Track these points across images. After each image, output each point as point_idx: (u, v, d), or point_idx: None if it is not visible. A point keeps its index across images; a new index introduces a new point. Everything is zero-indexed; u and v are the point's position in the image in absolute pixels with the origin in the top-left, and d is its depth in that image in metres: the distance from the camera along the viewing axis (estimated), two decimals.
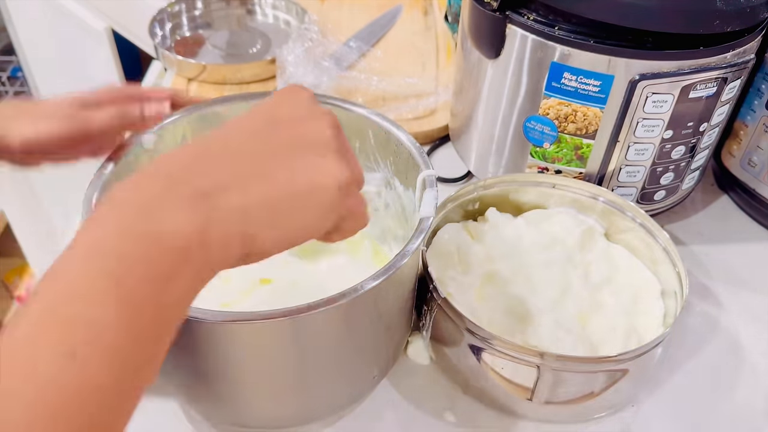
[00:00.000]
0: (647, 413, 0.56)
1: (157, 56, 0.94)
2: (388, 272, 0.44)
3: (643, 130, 0.60)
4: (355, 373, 0.53)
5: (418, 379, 0.57)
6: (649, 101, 0.58)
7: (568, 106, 0.60)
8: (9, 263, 1.72)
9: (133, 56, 1.43)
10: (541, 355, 0.49)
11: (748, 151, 0.71)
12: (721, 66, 0.58)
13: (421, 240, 0.46)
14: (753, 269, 0.69)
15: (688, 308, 0.64)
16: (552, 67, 0.59)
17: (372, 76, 0.89)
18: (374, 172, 0.59)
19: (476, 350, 0.52)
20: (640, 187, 0.65)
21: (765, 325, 0.64)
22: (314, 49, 0.91)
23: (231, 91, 0.90)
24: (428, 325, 0.57)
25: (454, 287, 0.57)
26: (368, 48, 0.97)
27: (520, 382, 0.52)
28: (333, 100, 0.56)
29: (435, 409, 0.55)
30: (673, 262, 0.58)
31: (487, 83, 0.66)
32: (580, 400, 0.52)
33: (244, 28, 1.03)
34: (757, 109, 0.68)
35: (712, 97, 0.60)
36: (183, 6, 1.00)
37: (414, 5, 1.09)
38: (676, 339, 0.61)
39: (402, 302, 0.52)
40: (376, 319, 0.49)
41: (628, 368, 0.51)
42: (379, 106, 0.86)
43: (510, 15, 0.60)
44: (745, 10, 0.56)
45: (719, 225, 0.75)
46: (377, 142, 0.57)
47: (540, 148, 0.64)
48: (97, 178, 0.49)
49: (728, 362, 0.60)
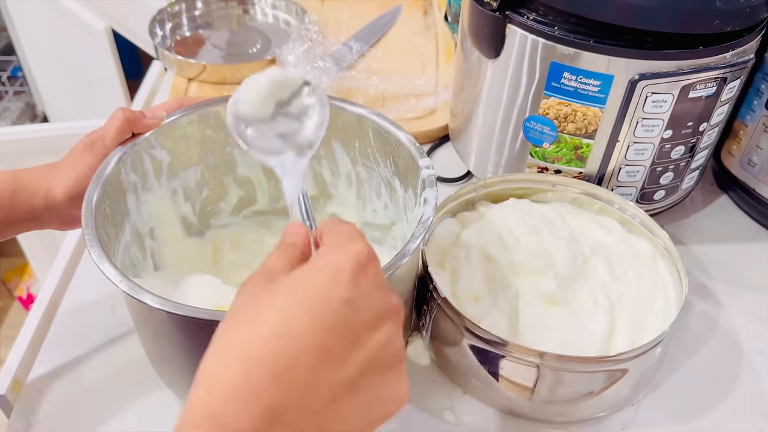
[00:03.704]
0: (647, 413, 0.56)
1: (157, 56, 0.95)
2: (387, 272, 0.44)
3: (643, 129, 0.60)
4: None
5: (418, 379, 0.57)
6: (648, 101, 0.58)
7: (567, 105, 0.60)
8: (9, 263, 1.72)
9: (133, 56, 1.43)
10: (541, 355, 0.49)
11: (748, 151, 0.71)
12: (721, 66, 0.58)
13: (421, 240, 0.46)
14: (752, 269, 0.69)
15: (687, 308, 0.64)
16: (552, 67, 0.59)
17: (372, 76, 0.89)
18: (373, 171, 0.59)
19: (476, 350, 0.52)
20: (640, 186, 0.65)
21: (764, 324, 0.64)
22: (314, 49, 0.91)
23: (231, 91, 0.89)
24: (428, 325, 0.57)
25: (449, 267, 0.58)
26: (368, 48, 0.97)
27: (519, 381, 0.52)
28: (333, 100, 0.56)
29: (435, 409, 0.55)
30: (673, 262, 0.58)
31: (487, 83, 0.66)
32: (580, 400, 0.52)
33: (244, 28, 1.03)
34: (756, 108, 0.68)
35: (711, 96, 0.60)
36: (183, 6, 1.00)
37: (414, 5, 1.09)
38: (675, 339, 0.61)
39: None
40: None
41: (628, 368, 0.51)
42: (379, 106, 0.86)
43: (510, 15, 0.60)
44: (745, 9, 0.56)
45: (719, 225, 0.75)
46: (377, 142, 0.57)
47: (540, 147, 0.65)
48: (97, 178, 0.49)
49: (728, 362, 0.60)
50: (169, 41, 0.98)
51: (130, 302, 0.48)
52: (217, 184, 0.61)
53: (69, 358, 0.58)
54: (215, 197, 0.62)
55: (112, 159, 0.51)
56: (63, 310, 0.63)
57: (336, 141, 0.59)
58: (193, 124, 0.56)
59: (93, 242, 0.45)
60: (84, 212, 0.47)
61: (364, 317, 0.31)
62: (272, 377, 0.28)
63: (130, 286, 0.42)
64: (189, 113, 0.56)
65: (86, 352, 0.59)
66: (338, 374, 0.29)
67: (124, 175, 0.52)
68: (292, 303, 0.30)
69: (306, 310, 0.29)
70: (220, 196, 0.62)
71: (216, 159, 0.60)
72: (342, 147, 0.60)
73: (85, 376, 0.57)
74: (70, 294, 0.64)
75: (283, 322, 0.29)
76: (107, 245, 0.47)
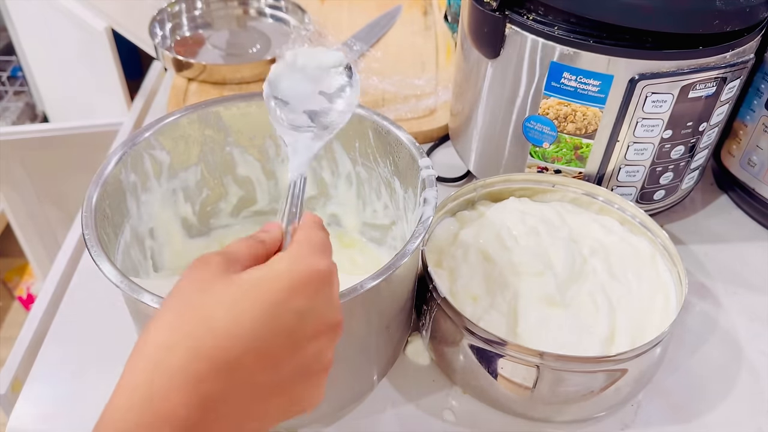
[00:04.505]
0: (647, 413, 0.56)
1: (157, 56, 0.94)
2: (387, 272, 0.44)
3: (643, 129, 0.60)
4: (355, 373, 0.53)
5: (418, 379, 0.57)
6: (648, 101, 0.58)
7: (567, 105, 0.60)
8: (9, 263, 1.72)
9: (133, 56, 1.43)
10: (541, 354, 0.49)
11: (748, 151, 0.71)
12: (721, 66, 0.58)
13: (421, 240, 0.46)
14: (752, 268, 0.69)
15: (687, 308, 0.64)
16: (551, 66, 0.59)
17: (372, 76, 0.89)
18: (373, 171, 0.59)
19: (476, 350, 0.52)
20: (640, 186, 0.65)
21: (764, 324, 0.64)
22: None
23: (231, 91, 0.90)
24: (428, 324, 0.57)
25: (447, 266, 0.58)
26: (368, 48, 0.97)
27: (519, 381, 0.52)
28: None
29: (435, 409, 0.55)
30: (673, 262, 0.58)
31: (487, 83, 0.66)
32: (580, 399, 0.52)
33: (243, 28, 1.03)
34: (756, 108, 0.68)
35: (711, 96, 0.60)
36: (183, 6, 1.00)
37: (414, 5, 1.09)
38: (675, 339, 0.61)
39: (401, 302, 0.52)
40: (375, 319, 0.49)
41: (628, 368, 0.51)
42: (379, 106, 0.86)
43: (509, 15, 0.60)
44: (745, 9, 0.56)
45: (718, 224, 0.75)
46: (377, 142, 0.57)
47: (539, 147, 0.65)
48: (98, 178, 0.49)
49: (728, 362, 0.60)
50: (169, 41, 0.98)
51: (130, 302, 0.48)
52: (217, 184, 0.61)
53: (69, 358, 0.58)
54: (215, 197, 0.62)
55: (112, 159, 0.51)
56: (63, 310, 0.63)
57: (336, 141, 0.59)
58: (193, 124, 0.56)
59: (93, 242, 0.45)
60: (84, 212, 0.47)
61: (309, 329, 0.32)
62: (216, 372, 0.29)
63: (130, 286, 0.42)
64: (189, 113, 0.56)
65: (86, 352, 0.59)
66: (273, 375, 0.31)
67: (124, 175, 0.52)
68: (246, 303, 0.31)
69: (260, 313, 0.31)
70: (220, 196, 0.62)
71: (216, 159, 0.60)
72: (342, 147, 0.60)
73: (85, 375, 0.57)
74: (70, 294, 0.64)
75: (236, 322, 0.30)
76: (107, 245, 0.47)
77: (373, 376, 0.54)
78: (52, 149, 1.14)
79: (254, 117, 0.58)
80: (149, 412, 0.28)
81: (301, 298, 0.32)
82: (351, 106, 0.47)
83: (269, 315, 0.31)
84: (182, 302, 0.32)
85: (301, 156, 0.43)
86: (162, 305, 0.32)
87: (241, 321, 0.30)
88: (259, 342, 0.30)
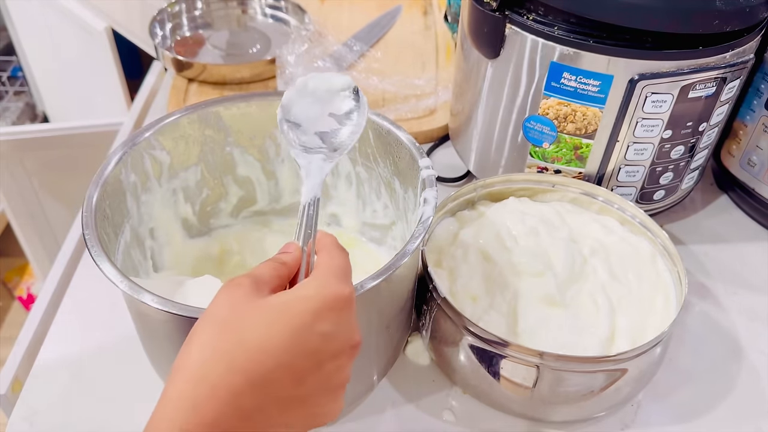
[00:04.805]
0: (647, 413, 0.56)
1: (157, 56, 0.94)
2: (387, 272, 0.44)
3: (643, 129, 0.60)
4: (355, 373, 0.52)
5: (418, 379, 0.57)
6: (648, 101, 0.58)
7: (567, 105, 0.60)
8: (9, 263, 1.72)
9: (133, 56, 1.43)
10: (541, 354, 0.49)
11: (748, 151, 0.71)
12: (721, 66, 0.58)
13: (421, 240, 0.46)
14: (752, 268, 0.69)
15: (687, 308, 0.64)
16: (551, 66, 0.59)
17: (372, 76, 0.89)
18: (373, 171, 0.59)
19: (476, 350, 0.52)
20: (640, 186, 0.65)
21: (764, 324, 0.64)
22: (314, 49, 0.91)
23: (231, 91, 0.90)
24: (428, 324, 0.57)
25: (447, 266, 0.58)
26: (368, 48, 0.97)
27: (519, 381, 0.52)
28: None
29: (435, 409, 0.55)
30: (673, 262, 0.58)
31: (487, 83, 0.66)
32: (580, 399, 0.52)
33: (243, 28, 1.03)
34: (756, 108, 0.68)
35: (711, 96, 0.60)
36: (183, 6, 1.00)
37: (414, 5, 1.09)
38: (675, 339, 0.61)
39: (401, 302, 0.52)
40: (375, 319, 0.49)
41: (628, 368, 0.51)
42: (379, 106, 0.86)
43: (509, 15, 0.60)
44: (745, 9, 0.56)
45: (718, 224, 0.75)
46: (377, 142, 0.57)
47: (539, 147, 0.65)
48: (98, 178, 0.49)
49: (727, 361, 0.60)
50: (169, 41, 0.98)
51: (130, 302, 0.48)
52: (217, 184, 0.61)
53: (69, 357, 0.58)
54: (215, 197, 0.62)
55: (112, 159, 0.51)
56: (63, 310, 0.63)
57: None
58: (193, 124, 0.56)
59: (93, 242, 0.45)
60: (84, 212, 0.47)
61: (332, 349, 0.35)
62: (251, 385, 0.33)
63: (130, 286, 0.42)
64: (189, 113, 0.56)
65: (86, 352, 0.59)
66: (299, 390, 0.34)
67: (124, 176, 0.52)
68: (277, 326, 0.34)
69: (289, 335, 0.34)
70: (220, 196, 0.62)
71: (216, 159, 0.60)
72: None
73: (85, 375, 0.57)
74: (70, 294, 0.64)
75: (268, 340, 0.33)
76: (107, 245, 0.47)
77: (373, 376, 0.54)
78: (52, 149, 1.14)
79: (254, 117, 0.58)
80: (194, 420, 0.31)
81: (325, 322, 0.35)
82: (359, 126, 0.50)
83: (297, 337, 0.34)
84: (219, 323, 0.34)
85: (314, 178, 0.46)
86: (199, 324, 0.35)
87: (273, 342, 0.33)
88: (287, 360, 0.34)
